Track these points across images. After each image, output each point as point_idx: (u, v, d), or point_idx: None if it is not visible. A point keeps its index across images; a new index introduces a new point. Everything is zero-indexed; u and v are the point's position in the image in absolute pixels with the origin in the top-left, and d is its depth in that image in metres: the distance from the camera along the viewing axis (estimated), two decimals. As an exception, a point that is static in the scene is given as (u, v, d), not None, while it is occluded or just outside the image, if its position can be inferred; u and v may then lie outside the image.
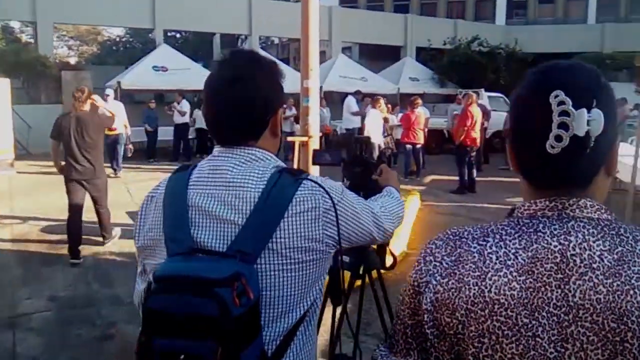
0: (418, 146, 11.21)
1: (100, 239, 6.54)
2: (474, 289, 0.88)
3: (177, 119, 15.16)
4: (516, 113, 0.96)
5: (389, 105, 12.66)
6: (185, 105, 15.31)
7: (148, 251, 1.32)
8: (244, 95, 1.28)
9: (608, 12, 27.92)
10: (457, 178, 10.23)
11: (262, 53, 1.52)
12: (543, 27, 27.36)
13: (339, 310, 2.07)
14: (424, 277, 0.95)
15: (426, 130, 11.76)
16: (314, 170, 5.11)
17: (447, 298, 0.90)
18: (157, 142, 15.30)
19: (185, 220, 1.23)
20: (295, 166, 5.94)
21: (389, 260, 2.23)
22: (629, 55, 21.55)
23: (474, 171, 10.29)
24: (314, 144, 6.34)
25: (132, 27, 29.09)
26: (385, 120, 11.42)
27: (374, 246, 2.19)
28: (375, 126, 11.09)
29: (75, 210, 5.97)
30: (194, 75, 16.46)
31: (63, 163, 5.96)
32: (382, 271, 2.29)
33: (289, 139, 7.37)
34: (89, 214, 6.34)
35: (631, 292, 0.81)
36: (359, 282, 2.36)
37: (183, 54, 17.96)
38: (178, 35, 36.43)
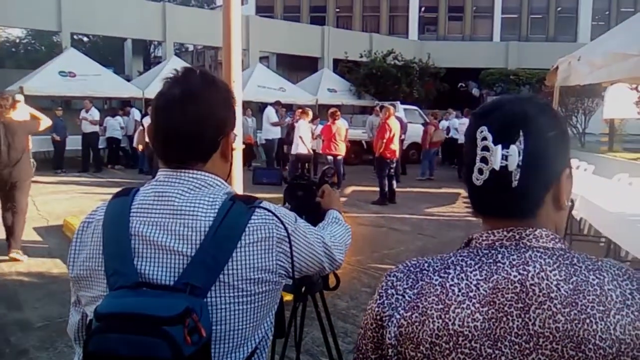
0: (339, 157, 11.37)
1: (5, 256, 6.11)
2: (438, 322, 0.89)
3: (86, 127, 14.45)
4: (464, 147, 1.02)
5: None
6: (95, 114, 14.64)
7: (84, 282, 1.23)
8: (195, 111, 1.22)
9: (511, 31, 29.88)
10: (377, 189, 10.46)
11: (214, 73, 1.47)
12: (453, 43, 28.79)
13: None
14: (387, 310, 0.95)
15: (347, 141, 11.99)
16: (238, 185, 5.06)
17: (411, 332, 0.91)
18: (65, 151, 14.50)
19: (127, 250, 1.15)
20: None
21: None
22: (530, 72, 23.14)
23: (394, 182, 10.57)
24: (238, 156, 6.26)
25: (35, 29, 27.49)
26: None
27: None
28: (308, 137, 11.29)
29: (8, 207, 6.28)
30: (103, 82, 15.87)
31: None
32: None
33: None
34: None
35: (587, 320, 0.84)
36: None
37: (92, 58, 17.14)
38: (86, 39, 34.87)
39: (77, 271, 1.23)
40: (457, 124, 15.04)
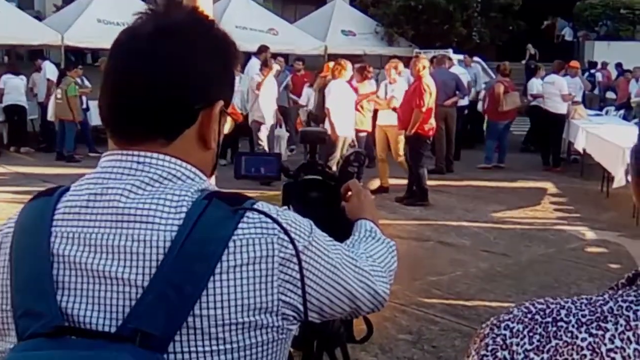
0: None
1: None
2: None
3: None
4: None
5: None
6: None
7: None
8: (167, 54, 1.20)
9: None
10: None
11: None
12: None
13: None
14: None
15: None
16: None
17: None
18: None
19: (46, 279, 1.13)
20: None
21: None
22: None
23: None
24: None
25: None
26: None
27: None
28: (347, 108, 10.49)
29: None
30: (3, 22, 15.81)
31: None
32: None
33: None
34: None
35: None
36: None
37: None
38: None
39: None
40: (540, 84, 14.87)
